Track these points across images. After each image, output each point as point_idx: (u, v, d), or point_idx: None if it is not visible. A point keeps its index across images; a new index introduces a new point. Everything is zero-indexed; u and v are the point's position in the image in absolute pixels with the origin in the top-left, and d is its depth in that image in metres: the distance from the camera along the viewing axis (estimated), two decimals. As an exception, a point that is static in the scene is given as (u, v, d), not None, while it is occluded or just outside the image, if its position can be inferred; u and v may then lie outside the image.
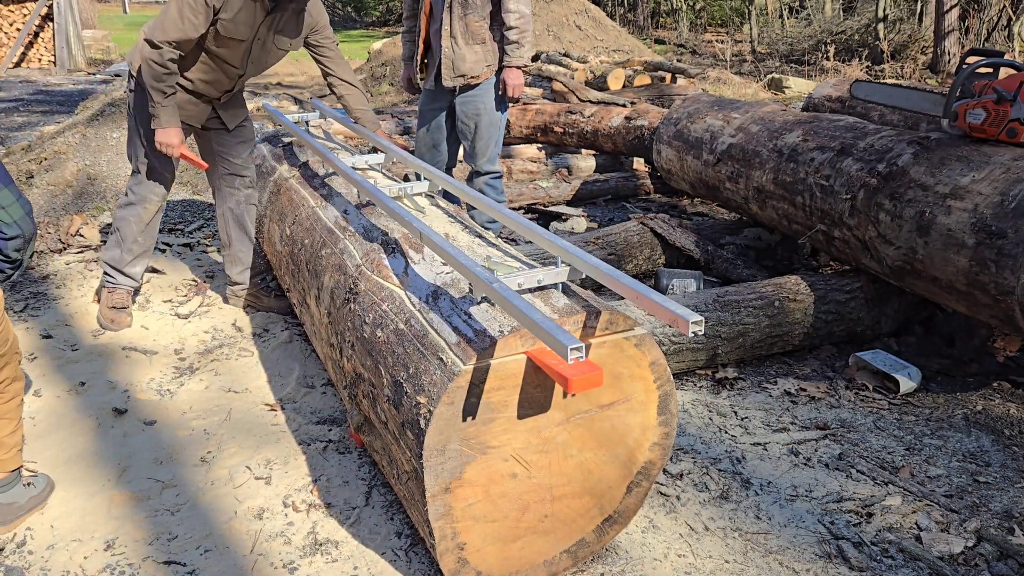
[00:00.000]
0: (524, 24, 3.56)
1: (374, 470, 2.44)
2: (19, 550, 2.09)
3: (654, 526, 2.23)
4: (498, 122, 3.79)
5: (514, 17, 3.53)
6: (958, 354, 3.26)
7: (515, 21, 3.54)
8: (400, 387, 1.84)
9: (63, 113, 8.62)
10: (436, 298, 1.97)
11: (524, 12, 3.55)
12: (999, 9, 13.32)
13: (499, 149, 3.88)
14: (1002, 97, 2.82)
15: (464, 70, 3.64)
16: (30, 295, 3.68)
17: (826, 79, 10.22)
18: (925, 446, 2.68)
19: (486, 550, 1.87)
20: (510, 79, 3.66)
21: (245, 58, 3.02)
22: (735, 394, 3.01)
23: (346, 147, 3.52)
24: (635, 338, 1.84)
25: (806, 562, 2.11)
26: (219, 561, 2.06)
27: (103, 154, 5.05)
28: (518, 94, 3.71)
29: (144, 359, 3.14)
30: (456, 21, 3.59)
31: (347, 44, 20.23)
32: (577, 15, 13.72)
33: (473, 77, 3.67)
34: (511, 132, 6.55)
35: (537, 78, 8.54)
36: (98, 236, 4.40)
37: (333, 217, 2.71)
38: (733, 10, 22.07)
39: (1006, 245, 2.56)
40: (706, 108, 4.61)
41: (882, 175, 3.12)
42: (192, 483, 2.37)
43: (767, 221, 4.03)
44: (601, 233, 4.13)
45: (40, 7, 12.25)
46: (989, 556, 2.14)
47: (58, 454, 2.50)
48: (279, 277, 3.28)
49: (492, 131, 3.79)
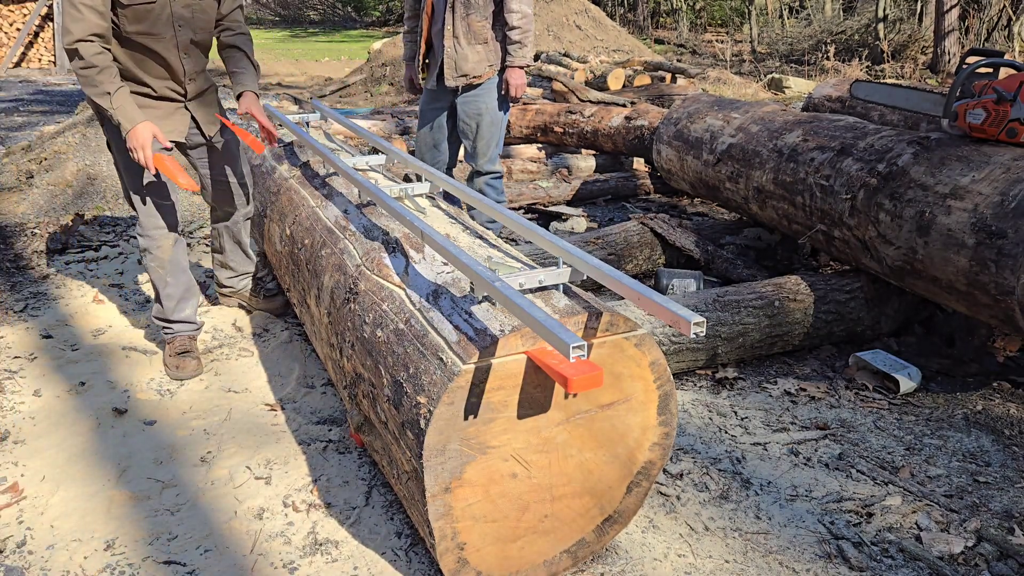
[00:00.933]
0: (526, 24, 3.58)
1: (374, 470, 2.44)
2: (19, 550, 2.09)
3: (654, 526, 2.23)
4: (499, 122, 3.80)
5: (516, 17, 3.55)
6: (958, 354, 3.26)
7: (517, 21, 3.55)
8: (400, 387, 1.85)
9: (63, 113, 8.62)
10: (437, 297, 1.97)
11: (527, 12, 3.57)
12: (999, 9, 13.32)
13: (500, 149, 3.89)
14: (1002, 97, 2.82)
15: (467, 70, 3.65)
16: (30, 295, 3.68)
17: (826, 79, 10.22)
18: (925, 446, 2.68)
19: (486, 550, 1.87)
20: (512, 79, 3.67)
21: (171, 25, 2.78)
22: (735, 394, 3.01)
23: (346, 147, 3.52)
24: (635, 338, 1.84)
25: (806, 562, 2.11)
26: (219, 561, 2.06)
27: (103, 154, 5.05)
28: (520, 94, 3.72)
29: (144, 359, 3.14)
30: (458, 21, 3.59)
31: (347, 44, 20.23)
32: (577, 15, 13.73)
33: (475, 77, 3.68)
34: (511, 132, 6.55)
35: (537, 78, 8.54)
36: (98, 236, 4.40)
37: (333, 217, 2.71)
38: (733, 10, 22.08)
39: (1006, 245, 2.56)
40: (706, 108, 4.61)
41: (882, 175, 3.12)
42: (192, 483, 2.37)
43: (767, 221, 4.04)
44: (601, 233, 4.13)
45: (40, 7, 12.25)
46: (989, 556, 2.14)
47: (58, 454, 2.50)
48: (279, 277, 3.28)
49: (493, 131, 3.79)
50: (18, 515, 2.22)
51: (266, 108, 3.34)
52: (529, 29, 3.59)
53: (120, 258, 4.16)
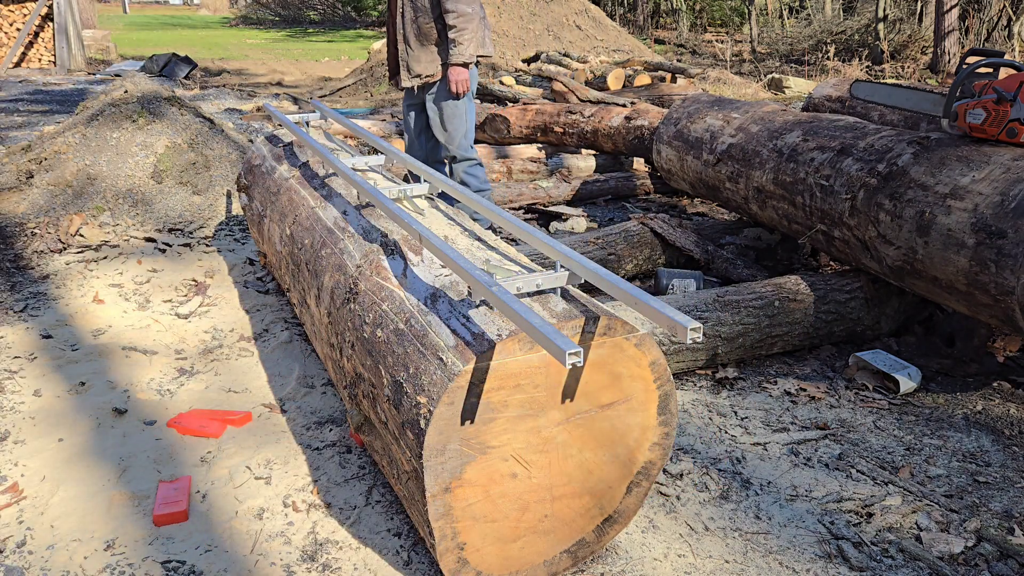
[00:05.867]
0: (462, 23, 3.76)
1: (374, 470, 2.44)
2: (19, 550, 2.09)
3: (654, 526, 2.23)
4: (461, 113, 4.02)
5: (452, 16, 3.76)
6: (958, 354, 3.26)
7: (453, 20, 3.76)
8: (400, 387, 1.85)
9: (63, 113, 8.63)
10: (435, 300, 1.97)
11: (463, 11, 3.75)
12: (999, 9, 13.32)
13: (470, 139, 4.14)
14: (1002, 97, 2.82)
15: (419, 70, 3.94)
16: (30, 295, 3.68)
17: (826, 79, 10.21)
18: (925, 446, 2.68)
19: (486, 550, 1.87)
20: (451, 76, 3.89)
21: None
22: (735, 394, 3.01)
23: (346, 148, 3.52)
24: (635, 338, 1.84)
25: (806, 562, 2.11)
26: (219, 561, 2.06)
27: (103, 154, 5.05)
28: (460, 90, 3.91)
29: (144, 359, 3.14)
30: (408, 24, 3.88)
31: (346, 44, 20.23)
32: (577, 15, 13.73)
33: (429, 76, 3.95)
34: (511, 132, 6.57)
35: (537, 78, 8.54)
36: (98, 236, 4.40)
37: (333, 217, 2.71)
38: (733, 10, 22.08)
39: (1006, 245, 2.56)
40: (706, 108, 4.61)
41: (882, 175, 3.12)
42: (192, 483, 2.37)
43: (767, 221, 4.03)
44: (601, 233, 4.13)
45: (40, 7, 12.25)
46: (989, 556, 2.14)
47: (58, 454, 2.50)
48: (279, 277, 3.28)
49: (457, 122, 4.01)
50: (18, 515, 2.22)
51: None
52: (465, 27, 3.76)
53: (120, 258, 4.16)
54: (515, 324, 1.70)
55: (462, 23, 3.75)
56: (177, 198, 5.03)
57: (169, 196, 4.78)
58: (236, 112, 8.95)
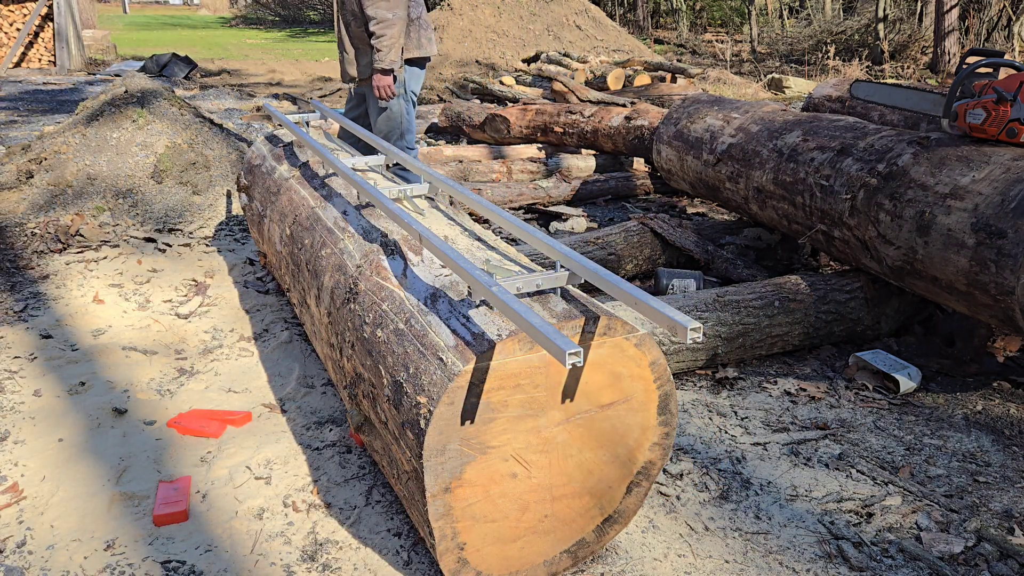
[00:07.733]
0: (382, 29, 3.80)
1: (374, 470, 2.44)
2: (19, 550, 2.09)
3: (654, 526, 2.23)
4: (395, 116, 4.10)
5: (373, 23, 3.81)
6: (958, 354, 3.26)
7: (374, 27, 3.82)
8: (400, 387, 1.85)
9: (63, 113, 8.63)
10: (435, 300, 1.97)
11: (384, 17, 3.79)
12: (999, 9, 13.32)
13: (407, 140, 4.21)
14: (1002, 97, 2.82)
15: (354, 73, 4.09)
16: (30, 295, 3.68)
17: (826, 79, 10.22)
18: (925, 446, 2.68)
19: (486, 550, 1.87)
20: (374, 82, 3.96)
21: None
22: (735, 394, 3.01)
23: (346, 147, 3.52)
24: (635, 338, 1.84)
25: (806, 562, 2.11)
26: (219, 561, 2.06)
27: (103, 154, 5.05)
28: (383, 95, 3.97)
29: (144, 359, 3.14)
30: (344, 30, 4.02)
31: (347, 44, 20.18)
32: (577, 15, 13.74)
33: (363, 79, 4.07)
34: (511, 132, 6.57)
35: (537, 78, 8.55)
36: (98, 236, 4.40)
37: (333, 217, 2.71)
38: (733, 10, 22.08)
39: (1006, 245, 2.56)
40: (706, 108, 4.61)
41: (882, 175, 3.12)
42: (192, 483, 2.37)
43: (767, 221, 4.03)
44: (601, 233, 4.13)
45: (40, 7, 12.25)
46: (989, 556, 2.14)
47: (58, 454, 2.50)
48: (279, 277, 3.28)
49: (391, 124, 4.10)
50: (18, 515, 2.22)
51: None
52: (384, 34, 3.80)
53: (120, 258, 4.16)
54: (515, 324, 1.70)
55: (381, 29, 3.78)
56: (177, 198, 5.03)
57: (169, 196, 4.78)
58: (236, 112, 8.95)
